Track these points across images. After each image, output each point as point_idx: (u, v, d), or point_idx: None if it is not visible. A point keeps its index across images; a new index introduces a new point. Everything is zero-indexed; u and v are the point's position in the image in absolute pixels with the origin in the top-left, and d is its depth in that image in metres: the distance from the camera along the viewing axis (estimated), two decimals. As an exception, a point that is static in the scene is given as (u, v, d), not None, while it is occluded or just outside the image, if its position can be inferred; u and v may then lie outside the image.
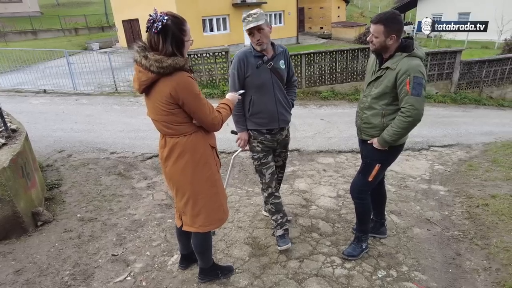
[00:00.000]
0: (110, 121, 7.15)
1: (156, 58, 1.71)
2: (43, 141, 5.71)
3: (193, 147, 1.91)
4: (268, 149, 2.76)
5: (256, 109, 2.61)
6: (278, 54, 2.60)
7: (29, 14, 26.58)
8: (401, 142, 2.45)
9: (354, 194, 2.69)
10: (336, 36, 25.77)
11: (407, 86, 2.21)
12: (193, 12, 17.65)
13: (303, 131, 6.65)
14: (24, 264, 2.70)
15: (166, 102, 1.79)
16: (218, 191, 2.07)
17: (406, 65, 2.22)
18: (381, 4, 40.56)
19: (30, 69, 11.44)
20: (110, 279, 2.56)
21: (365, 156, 2.64)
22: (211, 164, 2.00)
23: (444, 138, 6.38)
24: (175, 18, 1.78)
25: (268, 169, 2.75)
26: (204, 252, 2.32)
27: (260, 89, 2.57)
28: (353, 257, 2.72)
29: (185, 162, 1.93)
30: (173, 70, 1.74)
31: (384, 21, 2.25)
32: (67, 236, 3.12)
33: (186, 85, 1.76)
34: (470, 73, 10.69)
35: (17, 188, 3.07)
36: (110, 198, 3.89)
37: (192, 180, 1.97)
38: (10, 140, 3.55)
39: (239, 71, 2.53)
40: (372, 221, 2.96)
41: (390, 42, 2.28)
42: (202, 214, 2.04)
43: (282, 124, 2.73)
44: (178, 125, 1.87)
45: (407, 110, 2.23)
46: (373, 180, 2.55)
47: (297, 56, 9.83)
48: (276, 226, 2.84)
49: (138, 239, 3.09)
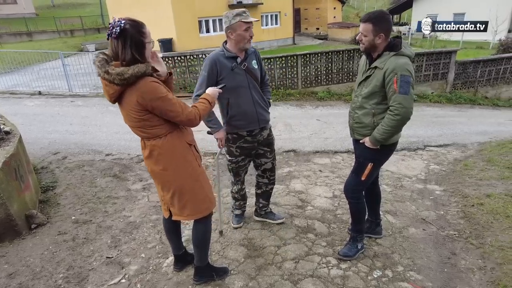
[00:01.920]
0: (106, 123, 7.12)
1: (117, 71, 1.73)
2: (38, 143, 5.67)
3: (170, 147, 1.97)
4: (247, 151, 2.79)
5: (235, 111, 2.60)
6: (250, 54, 2.62)
7: (24, 16, 26.40)
8: (393, 141, 2.46)
9: (348, 194, 2.69)
10: (332, 37, 25.84)
11: (394, 85, 2.22)
12: (189, 13, 17.65)
13: (299, 132, 6.65)
14: (17, 267, 2.67)
15: (136, 110, 1.83)
16: (202, 184, 2.12)
17: (393, 63, 2.23)
18: (377, 5, 40.73)
19: (25, 71, 11.38)
20: (105, 282, 2.54)
21: (357, 156, 2.65)
22: (191, 161, 2.05)
23: (439, 138, 6.40)
24: (133, 22, 1.80)
25: (244, 170, 2.95)
26: (203, 246, 2.33)
27: (237, 91, 2.57)
28: (349, 257, 2.71)
29: (165, 162, 1.99)
30: (135, 79, 1.75)
31: (373, 20, 2.27)
32: (61, 238, 3.09)
33: (150, 90, 1.78)
34: (465, 73, 10.75)
35: (10, 191, 3.04)
36: (105, 200, 3.86)
37: (175, 178, 2.03)
38: (3, 142, 3.52)
39: (210, 73, 2.51)
40: (368, 221, 2.96)
41: (378, 41, 2.29)
42: (188, 205, 2.11)
43: (262, 124, 2.74)
44: (152, 128, 1.91)
45: (395, 108, 2.24)
46: (366, 179, 2.55)
47: (293, 57, 9.85)
48: (236, 208, 3.18)
49: (133, 241, 3.07)
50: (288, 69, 9.91)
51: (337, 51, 10.10)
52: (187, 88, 9.75)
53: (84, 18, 28.41)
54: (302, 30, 28.75)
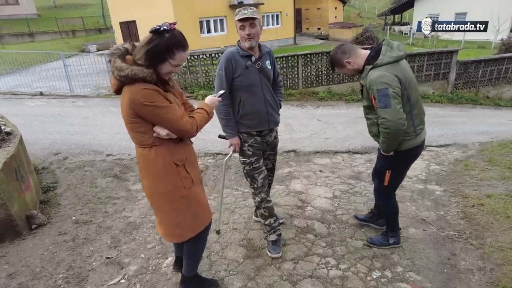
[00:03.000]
0: (106, 124, 7.14)
1: (116, 65, 1.66)
2: (38, 144, 5.69)
3: (151, 162, 1.84)
4: (259, 152, 2.73)
5: (246, 110, 2.58)
6: (264, 54, 2.59)
7: (26, 16, 26.50)
8: (409, 147, 2.45)
9: (377, 196, 2.86)
10: (334, 37, 25.83)
11: (373, 101, 2.28)
12: (190, 13, 17.66)
13: (299, 132, 6.65)
14: (17, 267, 2.68)
15: (127, 111, 1.74)
16: (178, 207, 1.93)
17: (369, 79, 2.28)
18: (378, 5, 40.70)
19: (27, 72, 11.43)
20: (104, 282, 2.54)
21: (376, 162, 2.77)
22: (171, 181, 1.88)
23: (440, 138, 6.39)
24: (174, 37, 1.69)
25: (260, 173, 2.70)
26: (191, 257, 2.20)
27: (249, 90, 2.54)
28: (373, 244, 2.86)
29: (144, 173, 1.90)
30: (132, 81, 1.66)
31: (333, 65, 2.51)
32: (61, 239, 3.10)
33: (139, 98, 1.67)
34: (467, 73, 10.72)
35: (11, 191, 3.05)
36: (105, 200, 3.87)
37: (150, 192, 1.93)
38: (4, 143, 3.53)
39: (227, 71, 2.47)
40: (371, 212, 3.14)
41: (353, 66, 2.42)
42: (162, 224, 2.01)
43: (272, 125, 2.72)
44: (138, 134, 1.80)
45: (381, 123, 2.29)
46: (389, 184, 2.62)
47: (294, 57, 9.85)
48: (269, 231, 2.79)
49: (133, 241, 3.08)
50: (288, 69, 9.91)
51: (338, 51, 10.08)
52: (188, 88, 9.76)
53: (86, 19, 28.52)
54: (303, 30, 28.73)
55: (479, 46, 21.30)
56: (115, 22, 21.10)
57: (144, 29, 17.89)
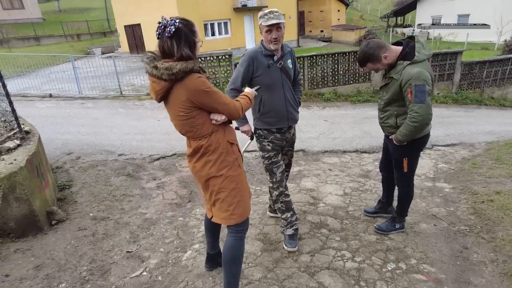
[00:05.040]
0: (116, 124, 7.24)
1: (165, 66, 1.75)
2: (51, 144, 5.79)
3: (213, 146, 1.97)
4: (278, 147, 2.81)
5: (267, 108, 2.66)
6: (286, 53, 2.68)
7: (32, 21, 26.81)
8: (423, 134, 2.58)
9: (397, 183, 2.95)
10: (336, 39, 25.95)
11: (409, 95, 2.36)
12: (195, 16, 17.80)
13: (307, 132, 6.73)
14: (43, 260, 2.77)
15: (184, 107, 1.83)
16: (238, 187, 2.06)
17: (407, 74, 2.36)
18: (380, 7, 40.84)
19: (36, 74, 11.57)
20: (127, 274, 2.62)
21: (391, 153, 2.85)
22: (229, 161, 2.02)
23: (447, 137, 6.45)
24: (185, 21, 1.85)
25: (278, 167, 2.79)
26: (232, 264, 2.16)
27: (270, 89, 2.62)
28: (383, 231, 3.01)
29: (205, 160, 1.99)
30: (184, 75, 1.77)
31: (367, 61, 2.49)
32: (81, 234, 3.19)
33: (198, 86, 1.80)
34: (471, 73, 10.78)
35: (33, 188, 3.15)
36: (120, 198, 3.96)
37: (213, 176, 2.02)
38: (24, 141, 3.63)
39: (248, 69, 2.56)
40: (380, 202, 3.29)
41: (388, 61, 2.47)
42: (223, 206, 2.07)
43: (291, 123, 2.80)
44: (197, 127, 1.91)
45: (412, 116, 2.40)
46: (409, 171, 2.75)
47: (299, 58, 9.93)
48: (286, 225, 2.88)
49: (151, 236, 3.16)
50: (294, 70, 9.99)
51: (343, 53, 10.18)
52: (195, 90, 9.86)
53: (90, 22, 28.78)
54: (306, 33, 28.88)
55: (482, 47, 21.36)
56: (120, 26, 21.31)
57: (149, 32, 18.05)
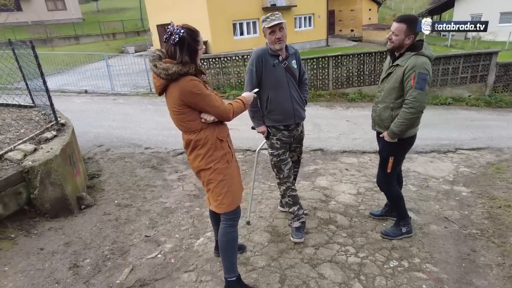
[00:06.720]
0: (145, 120, 7.64)
1: (163, 66, 1.94)
2: (84, 136, 6.24)
3: (202, 141, 2.13)
4: (286, 145, 2.96)
5: (273, 106, 2.81)
6: (290, 54, 2.82)
7: (73, 21, 28.45)
8: (409, 134, 2.69)
9: (380, 186, 3.04)
10: (367, 39, 25.41)
11: (412, 81, 2.46)
12: (224, 16, 18.18)
13: (327, 132, 6.77)
14: (72, 238, 3.08)
15: (177, 104, 2.04)
16: (226, 179, 2.21)
17: (413, 62, 2.48)
18: (415, 5, 39.38)
19: (73, 71, 12.37)
20: (143, 256, 2.87)
21: (380, 151, 2.93)
22: (217, 156, 2.18)
23: (473, 141, 6.25)
24: (190, 31, 1.99)
25: (286, 164, 2.95)
26: (226, 250, 2.32)
27: (276, 87, 2.78)
28: (389, 236, 3.00)
29: (195, 154, 2.19)
30: (178, 76, 1.95)
31: (407, 21, 2.53)
32: (106, 218, 3.48)
33: (189, 88, 1.97)
34: (508, 75, 10.28)
35: (66, 174, 3.48)
36: (144, 188, 4.25)
37: (202, 169, 2.21)
38: (60, 132, 4.00)
39: (257, 67, 2.73)
40: (387, 205, 3.31)
41: (407, 42, 2.57)
42: (213, 196, 2.27)
43: (298, 120, 2.93)
44: (187, 123, 2.09)
45: (410, 102, 2.50)
46: (392, 171, 2.82)
47: (324, 58, 9.95)
48: (293, 218, 3.01)
49: (169, 223, 3.39)
50: (319, 70, 10.02)
51: (369, 53, 10.06)
52: (220, 88, 10.14)
53: (125, 22, 30.07)
54: (336, 32, 28.49)
55: (525, 47, 20.11)
56: (153, 25, 22.12)
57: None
